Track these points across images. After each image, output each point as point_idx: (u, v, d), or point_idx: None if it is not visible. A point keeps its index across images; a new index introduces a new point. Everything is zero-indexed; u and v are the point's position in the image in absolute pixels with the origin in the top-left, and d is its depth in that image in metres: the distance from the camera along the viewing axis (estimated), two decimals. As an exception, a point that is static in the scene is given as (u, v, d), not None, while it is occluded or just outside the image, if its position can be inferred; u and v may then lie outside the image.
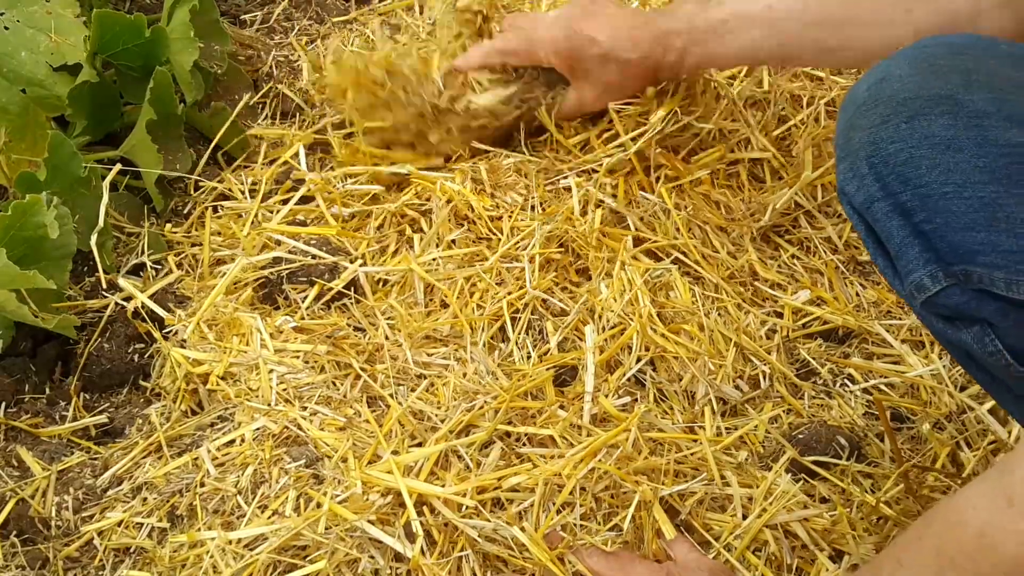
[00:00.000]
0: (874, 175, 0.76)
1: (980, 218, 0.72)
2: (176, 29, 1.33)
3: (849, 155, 0.79)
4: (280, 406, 1.04)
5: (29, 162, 1.26)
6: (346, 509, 0.92)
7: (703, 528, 0.95)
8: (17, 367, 1.14)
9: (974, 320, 0.75)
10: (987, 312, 0.73)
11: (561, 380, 1.07)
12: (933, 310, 0.77)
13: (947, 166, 0.73)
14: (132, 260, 1.24)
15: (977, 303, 0.73)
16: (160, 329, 1.14)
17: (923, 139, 0.74)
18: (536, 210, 1.19)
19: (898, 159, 0.75)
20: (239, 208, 1.29)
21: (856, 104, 0.80)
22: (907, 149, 0.74)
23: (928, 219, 0.73)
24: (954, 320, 0.76)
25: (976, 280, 0.72)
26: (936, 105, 0.75)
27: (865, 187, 0.77)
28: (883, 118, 0.76)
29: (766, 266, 1.22)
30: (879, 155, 0.76)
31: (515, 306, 1.11)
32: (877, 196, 0.76)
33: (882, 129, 0.76)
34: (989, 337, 0.74)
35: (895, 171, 0.75)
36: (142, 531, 0.98)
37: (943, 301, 0.75)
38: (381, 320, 1.12)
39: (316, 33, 1.62)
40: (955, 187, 0.72)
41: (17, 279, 1.05)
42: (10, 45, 1.30)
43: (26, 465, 1.05)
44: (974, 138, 0.73)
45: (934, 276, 0.74)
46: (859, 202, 0.78)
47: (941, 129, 0.74)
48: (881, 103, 0.77)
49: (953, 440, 1.06)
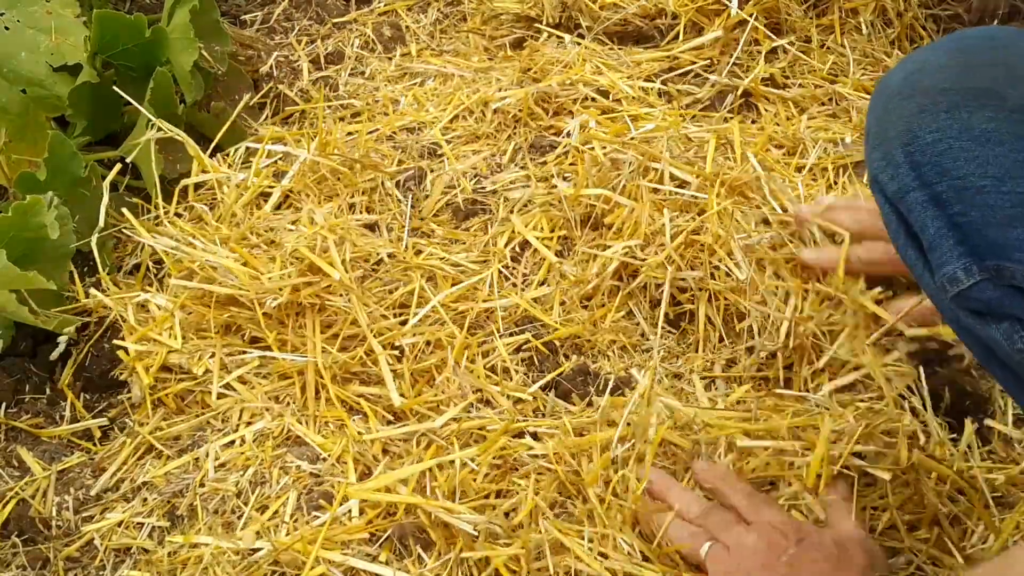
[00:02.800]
0: (910, 164, 0.74)
1: (1018, 214, 0.70)
2: (176, 29, 1.33)
3: (883, 143, 0.77)
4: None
5: (29, 162, 1.26)
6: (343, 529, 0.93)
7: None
8: (17, 367, 1.13)
9: (1004, 316, 0.73)
10: (1019, 309, 0.71)
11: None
12: (964, 304, 0.74)
13: (986, 159, 0.71)
14: (132, 260, 1.24)
15: (1009, 300, 0.71)
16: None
17: (962, 130, 0.72)
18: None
19: (936, 149, 0.73)
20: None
21: (891, 92, 0.78)
22: (945, 140, 0.72)
23: (963, 212, 0.72)
24: (984, 315, 0.74)
25: (1009, 276, 0.71)
26: (976, 97, 0.73)
27: (900, 176, 0.75)
28: (921, 107, 0.74)
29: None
30: (916, 144, 0.74)
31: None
32: (912, 186, 0.74)
33: (920, 118, 0.74)
34: (1019, 334, 0.72)
35: (932, 161, 0.73)
36: (142, 531, 0.98)
37: (975, 295, 0.73)
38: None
39: (316, 33, 1.62)
40: (993, 181, 0.71)
41: (17, 279, 1.05)
42: (10, 45, 1.30)
43: (26, 465, 1.05)
44: (1015, 132, 0.71)
45: (968, 269, 0.72)
46: (892, 191, 0.76)
47: (981, 121, 0.72)
48: (919, 92, 0.75)
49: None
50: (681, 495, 0.93)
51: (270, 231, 1.18)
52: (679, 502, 0.92)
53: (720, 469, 0.94)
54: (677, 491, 0.93)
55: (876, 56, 1.53)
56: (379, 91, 1.50)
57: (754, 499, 0.91)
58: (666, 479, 0.95)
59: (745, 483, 0.93)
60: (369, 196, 1.27)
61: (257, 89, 1.49)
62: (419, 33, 1.62)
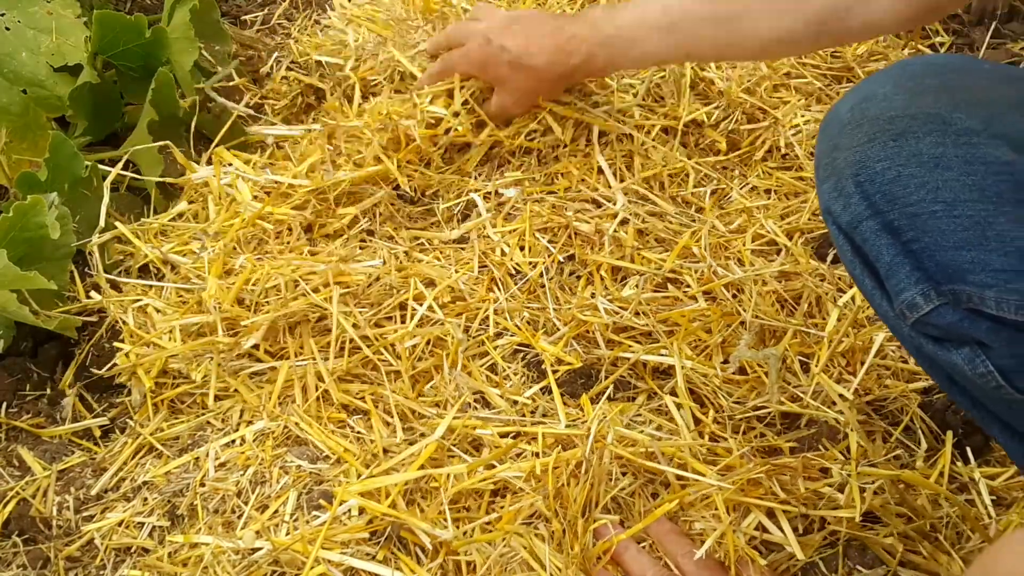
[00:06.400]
0: (861, 194, 0.74)
1: (970, 236, 0.70)
2: (176, 29, 1.33)
3: (834, 174, 0.77)
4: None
5: (30, 162, 1.27)
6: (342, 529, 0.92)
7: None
8: (18, 367, 1.14)
9: (964, 341, 0.73)
10: (978, 332, 0.72)
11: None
12: (923, 330, 0.75)
13: (936, 184, 0.71)
14: (137, 261, 1.24)
15: (968, 323, 0.72)
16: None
17: (911, 157, 0.73)
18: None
19: (885, 177, 0.73)
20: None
21: (840, 123, 0.78)
22: (895, 167, 0.73)
23: (917, 238, 0.72)
24: (944, 342, 0.75)
25: (966, 299, 0.71)
26: (923, 124, 0.73)
27: (852, 206, 0.75)
28: (869, 137, 0.75)
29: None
30: (865, 173, 0.74)
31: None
32: (864, 215, 0.74)
33: (868, 148, 0.75)
34: (980, 358, 0.73)
35: (882, 190, 0.73)
36: (143, 531, 0.98)
37: (935, 321, 0.73)
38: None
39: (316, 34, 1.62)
40: (944, 205, 0.71)
41: (18, 280, 1.05)
42: (11, 46, 1.30)
43: (27, 465, 1.05)
44: (963, 156, 0.71)
45: (926, 295, 0.72)
46: (845, 221, 0.76)
47: (929, 147, 0.72)
48: (866, 122, 0.76)
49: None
50: (637, 558, 0.92)
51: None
52: (635, 565, 0.92)
53: (666, 524, 0.94)
54: (633, 552, 0.93)
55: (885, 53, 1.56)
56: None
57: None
58: (624, 543, 0.93)
59: (688, 541, 0.92)
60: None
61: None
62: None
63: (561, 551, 0.92)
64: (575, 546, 0.91)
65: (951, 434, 1.04)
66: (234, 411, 1.07)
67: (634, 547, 0.93)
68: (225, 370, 1.08)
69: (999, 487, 1.01)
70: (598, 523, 0.94)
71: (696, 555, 0.90)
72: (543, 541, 0.92)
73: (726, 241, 1.24)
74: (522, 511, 0.94)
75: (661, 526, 0.94)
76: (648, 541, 0.94)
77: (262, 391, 1.07)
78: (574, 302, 1.14)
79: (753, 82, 1.44)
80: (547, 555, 0.90)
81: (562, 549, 0.92)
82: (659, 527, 0.94)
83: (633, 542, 0.93)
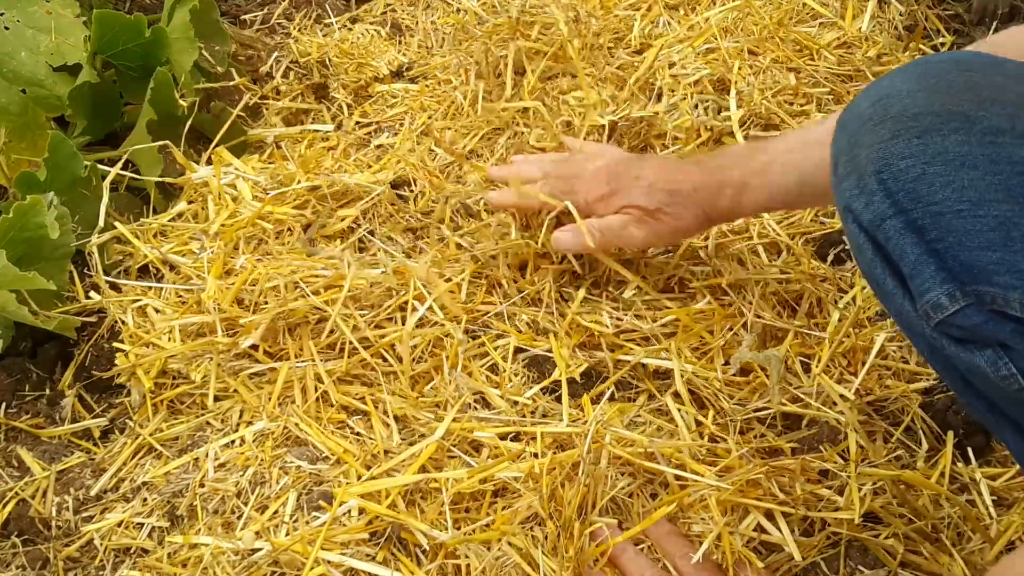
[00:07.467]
0: (884, 192, 0.73)
1: (995, 237, 0.69)
2: (176, 29, 1.33)
3: (855, 171, 0.75)
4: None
5: (29, 162, 1.26)
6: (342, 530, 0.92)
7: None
8: (17, 367, 1.14)
9: (988, 343, 0.72)
10: (1002, 334, 0.70)
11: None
12: (947, 331, 0.73)
13: (961, 183, 0.70)
14: (137, 261, 1.24)
15: (992, 325, 0.70)
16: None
17: (936, 155, 0.71)
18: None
19: (910, 175, 0.71)
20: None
21: (860, 120, 0.77)
22: (919, 165, 0.71)
23: (941, 237, 0.70)
24: (966, 343, 0.73)
25: (990, 301, 0.69)
26: (948, 121, 0.72)
27: (874, 204, 0.73)
28: (893, 133, 0.73)
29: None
30: (889, 171, 0.72)
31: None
32: (888, 213, 0.73)
33: (892, 145, 0.73)
34: (1003, 360, 0.71)
35: (906, 187, 0.72)
36: (142, 531, 0.98)
37: (960, 322, 0.71)
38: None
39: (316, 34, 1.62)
40: (969, 205, 0.69)
41: (17, 280, 1.05)
42: (10, 45, 1.30)
43: (26, 465, 1.05)
44: (988, 155, 0.70)
45: (952, 295, 0.71)
46: (867, 220, 0.74)
47: (954, 145, 0.71)
48: (889, 119, 0.74)
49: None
50: (634, 559, 0.92)
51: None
52: (632, 567, 0.92)
53: (665, 525, 0.94)
54: (630, 554, 0.93)
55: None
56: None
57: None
58: (622, 545, 0.93)
59: (686, 542, 0.92)
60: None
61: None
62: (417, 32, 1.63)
63: (556, 554, 0.91)
64: (570, 549, 0.91)
65: (952, 434, 1.04)
66: (234, 411, 1.06)
67: (631, 549, 0.93)
68: (225, 370, 1.08)
69: (1000, 487, 1.01)
70: (594, 526, 0.94)
71: (693, 558, 0.90)
72: (538, 544, 0.92)
73: (728, 241, 1.24)
74: (519, 513, 0.94)
75: (660, 527, 0.94)
76: (647, 542, 0.94)
77: (262, 392, 1.07)
78: (574, 307, 1.14)
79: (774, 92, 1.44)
80: (541, 558, 0.90)
81: (557, 552, 0.92)
82: (658, 528, 0.94)
83: (631, 544, 0.93)
